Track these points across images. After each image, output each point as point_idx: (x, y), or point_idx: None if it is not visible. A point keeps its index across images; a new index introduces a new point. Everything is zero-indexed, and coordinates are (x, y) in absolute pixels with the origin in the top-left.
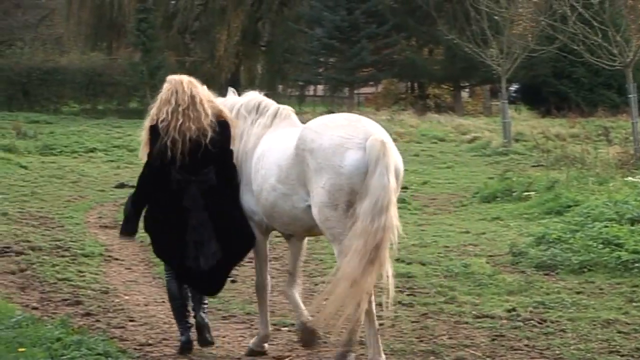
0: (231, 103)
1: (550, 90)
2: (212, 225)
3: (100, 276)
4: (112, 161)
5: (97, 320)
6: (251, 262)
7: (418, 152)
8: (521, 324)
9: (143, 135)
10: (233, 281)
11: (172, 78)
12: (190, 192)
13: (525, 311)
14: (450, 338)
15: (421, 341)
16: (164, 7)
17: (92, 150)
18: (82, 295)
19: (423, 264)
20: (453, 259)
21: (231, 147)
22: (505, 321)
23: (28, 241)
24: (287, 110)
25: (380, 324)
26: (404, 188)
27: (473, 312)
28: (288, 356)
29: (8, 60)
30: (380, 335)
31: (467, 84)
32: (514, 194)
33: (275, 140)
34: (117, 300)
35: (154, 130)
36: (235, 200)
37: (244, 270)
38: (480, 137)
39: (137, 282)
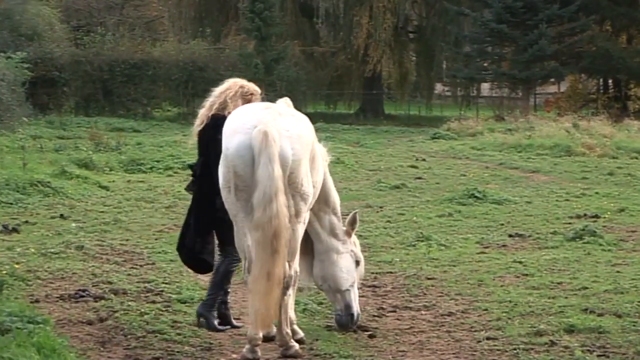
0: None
1: None
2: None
3: (202, 329)
4: None
5: None
6: (394, 311)
7: (613, 170)
8: None
9: None
10: (371, 336)
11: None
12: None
13: None
14: None
15: None
16: None
17: (192, 166)
18: (179, 352)
19: (619, 316)
20: None
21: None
22: None
23: (110, 283)
24: (287, 100)
25: None
26: (594, 217)
27: None
28: None
29: (86, 51)
30: None
31: None
32: None
33: None
34: None
35: None
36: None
37: (385, 322)
38: None
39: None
